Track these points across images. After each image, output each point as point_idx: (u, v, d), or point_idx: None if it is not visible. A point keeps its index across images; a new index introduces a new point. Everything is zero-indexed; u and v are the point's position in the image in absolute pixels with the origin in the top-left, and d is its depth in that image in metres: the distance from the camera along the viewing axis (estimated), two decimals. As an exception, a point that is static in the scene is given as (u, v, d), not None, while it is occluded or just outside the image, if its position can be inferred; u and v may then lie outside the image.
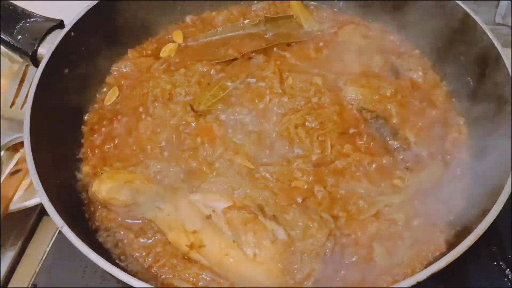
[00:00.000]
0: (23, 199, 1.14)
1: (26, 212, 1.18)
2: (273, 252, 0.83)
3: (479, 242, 0.81)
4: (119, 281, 0.79)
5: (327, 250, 0.87)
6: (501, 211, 0.83)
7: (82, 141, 1.12)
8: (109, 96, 1.19)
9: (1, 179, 1.17)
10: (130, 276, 0.78)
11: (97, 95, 1.20)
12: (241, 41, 1.27)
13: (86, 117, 1.16)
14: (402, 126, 1.08)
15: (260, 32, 1.29)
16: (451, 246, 0.88)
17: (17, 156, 1.26)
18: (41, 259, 1.12)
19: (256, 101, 1.12)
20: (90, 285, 1.06)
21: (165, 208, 0.92)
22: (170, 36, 1.32)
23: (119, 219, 0.96)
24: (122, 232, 0.95)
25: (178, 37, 1.31)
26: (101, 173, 0.97)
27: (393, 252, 0.90)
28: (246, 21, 1.30)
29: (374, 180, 1.00)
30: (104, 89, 1.21)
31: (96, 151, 1.09)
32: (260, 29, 1.29)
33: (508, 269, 1.02)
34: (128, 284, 0.77)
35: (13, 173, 1.19)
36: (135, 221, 0.96)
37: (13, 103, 1.29)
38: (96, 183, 0.93)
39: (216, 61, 1.21)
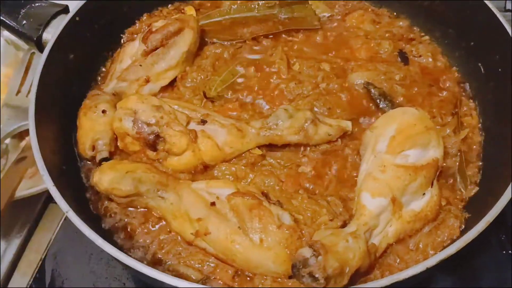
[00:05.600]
0: (28, 186, 1.14)
1: (32, 199, 1.18)
2: (280, 237, 0.82)
3: (489, 231, 0.80)
4: (124, 267, 0.79)
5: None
6: (511, 199, 0.82)
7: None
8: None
9: (7, 166, 1.17)
10: (136, 260, 0.77)
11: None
12: (253, 23, 1.24)
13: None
14: (409, 105, 1.06)
15: (273, 15, 1.26)
16: (463, 232, 0.86)
17: (22, 144, 1.26)
18: (47, 246, 1.12)
19: (265, 86, 1.12)
20: (96, 271, 1.06)
21: (169, 197, 0.91)
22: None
23: (123, 207, 0.95)
24: (126, 220, 0.94)
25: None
26: (102, 164, 0.96)
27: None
28: (261, 2, 1.26)
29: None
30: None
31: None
32: (273, 12, 1.26)
33: (518, 258, 1.01)
34: (134, 269, 0.76)
35: (19, 160, 1.19)
36: (139, 210, 0.95)
37: (18, 91, 1.28)
38: (97, 174, 0.91)
39: (229, 42, 1.20)
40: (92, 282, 1.05)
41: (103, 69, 1.19)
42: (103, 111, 1.02)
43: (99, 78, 1.18)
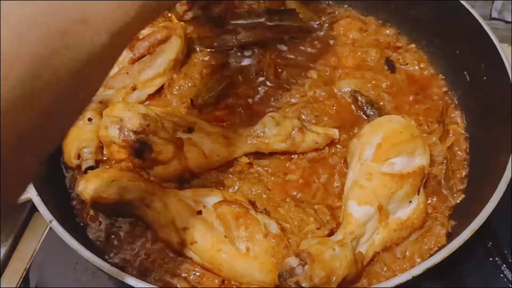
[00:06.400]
0: (13, 195, 1.12)
1: (18, 208, 1.16)
2: (266, 245, 0.82)
3: (475, 238, 0.80)
4: (110, 277, 0.78)
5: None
6: (497, 206, 0.82)
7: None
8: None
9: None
10: (121, 271, 0.76)
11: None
12: (240, 30, 1.23)
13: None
14: (396, 113, 1.07)
15: (260, 23, 1.26)
16: (449, 240, 0.87)
17: (8, 152, 1.24)
18: (32, 255, 1.10)
19: (252, 94, 1.12)
20: (81, 281, 1.04)
21: (155, 205, 0.90)
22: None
23: (108, 216, 0.94)
24: (112, 229, 0.93)
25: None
26: (87, 172, 0.95)
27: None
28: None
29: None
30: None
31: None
32: (261, 20, 1.26)
33: (504, 265, 1.01)
34: (119, 280, 0.76)
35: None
36: (125, 219, 0.94)
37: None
38: (82, 182, 0.90)
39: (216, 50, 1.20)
40: (78, 292, 1.03)
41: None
42: (89, 119, 1.01)
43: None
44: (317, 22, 1.29)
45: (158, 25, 1.17)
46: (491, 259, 1.03)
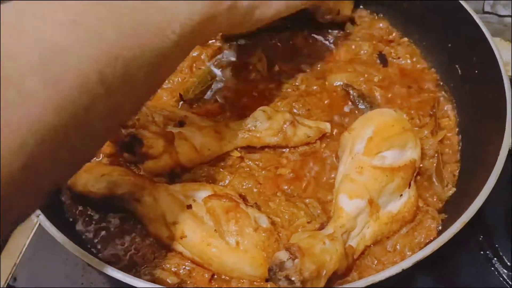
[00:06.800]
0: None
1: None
2: (257, 239, 0.81)
3: (467, 231, 0.80)
4: (100, 272, 0.77)
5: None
6: (488, 199, 0.82)
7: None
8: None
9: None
10: (111, 266, 0.76)
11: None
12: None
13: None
14: (388, 107, 1.07)
15: None
16: (440, 233, 0.87)
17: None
18: (21, 251, 1.09)
19: (243, 88, 1.11)
20: (71, 276, 1.03)
21: (145, 200, 0.89)
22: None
23: (98, 211, 0.94)
24: (101, 224, 0.93)
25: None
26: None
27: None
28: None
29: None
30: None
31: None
32: None
33: (495, 258, 1.02)
34: (108, 275, 0.75)
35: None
36: (115, 213, 0.93)
37: None
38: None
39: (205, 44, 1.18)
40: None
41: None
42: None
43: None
44: None
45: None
46: (482, 252, 1.04)
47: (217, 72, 1.14)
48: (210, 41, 1.20)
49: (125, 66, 0.51)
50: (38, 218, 0.79)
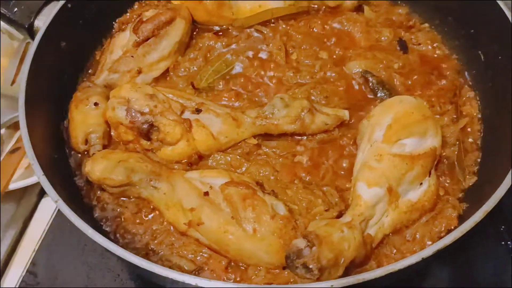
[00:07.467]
0: (23, 178, 1.12)
1: (27, 192, 1.17)
2: (274, 227, 0.80)
3: (487, 221, 0.78)
4: (119, 258, 0.77)
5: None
6: (510, 189, 0.80)
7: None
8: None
9: (1, 157, 1.16)
10: (128, 251, 0.76)
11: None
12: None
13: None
14: (407, 94, 1.05)
15: None
16: (461, 222, 0.85)
17: (17, 134, 1.24)
18: (41, 237, 1.11)
19: (260, 76, 1.10)
20: (89, 263, 1.04)
21: (161, 187, 0.89)
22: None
23: (115, 197, 0.94)
24: (118, 210, 0.93)
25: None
26: (94, 153, 0.95)
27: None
28: None
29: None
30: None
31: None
32: None
33: (517, 249, 0.99)
34: (127, 260, 0.75)
35: (13, 151, 1.17)
36: (131, 199, 0.94)
37: (13, 81, 1.27)
38: (89, 163, 0.90)
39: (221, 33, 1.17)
40: (86, 273, 1.04)
41: (97, 58, 1.17)
42: (95, 104, 1.00)
43: (92, 67, 1.16)
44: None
45: (161, 7, 1.15)
46: (502, 243, 1.02)
47: (234, 60, 1.13)
48: (226, 29, 1.18)
49: None
50: (57, 203, 0.80)
